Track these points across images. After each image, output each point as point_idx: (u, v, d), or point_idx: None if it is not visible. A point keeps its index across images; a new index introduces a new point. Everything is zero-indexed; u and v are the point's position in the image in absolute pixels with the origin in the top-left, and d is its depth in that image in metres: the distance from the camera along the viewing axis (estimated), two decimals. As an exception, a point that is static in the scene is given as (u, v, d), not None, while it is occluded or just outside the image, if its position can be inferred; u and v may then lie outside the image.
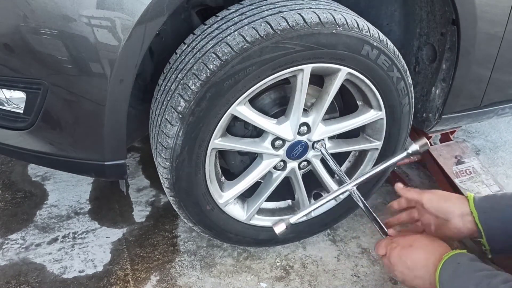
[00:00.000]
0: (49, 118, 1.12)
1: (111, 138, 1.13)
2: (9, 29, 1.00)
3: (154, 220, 1.65)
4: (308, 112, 1.28)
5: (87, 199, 1.74)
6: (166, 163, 1.17)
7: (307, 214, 1.24)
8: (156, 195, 1.78)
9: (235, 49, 1.05)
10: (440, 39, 1.36)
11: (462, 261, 0.93)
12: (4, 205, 1.70)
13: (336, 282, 1.44)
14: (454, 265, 0.93)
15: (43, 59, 1.02)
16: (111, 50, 1.00)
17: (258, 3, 1.12)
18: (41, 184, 1.81)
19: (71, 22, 0.97)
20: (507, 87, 1.54)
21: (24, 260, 1.46)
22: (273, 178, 1.37)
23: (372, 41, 1.17)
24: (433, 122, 1.50)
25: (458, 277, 0.90)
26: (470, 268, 0.90)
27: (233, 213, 1.37)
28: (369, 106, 1.33)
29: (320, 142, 1.34)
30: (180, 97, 1.09)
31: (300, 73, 1.15)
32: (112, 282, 1.39)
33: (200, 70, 1.07)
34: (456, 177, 1.70)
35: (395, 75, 1.26)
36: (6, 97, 1.14)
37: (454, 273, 0.91)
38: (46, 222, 1.62)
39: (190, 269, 1.45)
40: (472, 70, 1.38)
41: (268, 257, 1.52)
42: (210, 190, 1.27)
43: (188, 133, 1.12)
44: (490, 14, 1.29)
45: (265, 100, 1.31)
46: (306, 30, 1.08)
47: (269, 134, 1.26)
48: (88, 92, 1.06)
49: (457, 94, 1.41)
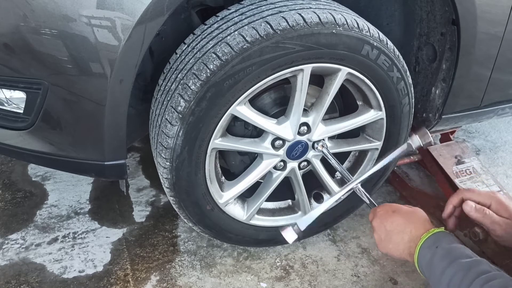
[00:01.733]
0: (49, 118, 1.12)
1: (111, 138, 1.13)
2: (9, 29, 1.00)
3: (154, 220, 1.65)
4: (308, 112, 1.28)
5: (87, 199, 1.74)
6: (166, 163, 1.17)
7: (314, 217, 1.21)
8: (156, 195, 1.78)
9: (235, 49, 1.05)
10: (440, 39, 1.36)
11: (441, 245, 0.94)
12: (4, 205, 1.70)
13: (336, 282, 1.44)
14: (432, 250, 0.94)
15: (43, 59, 1.02)
16: (111, 50, 1.00)
17: (258, 3, 1.12)
18: (41, 184, 1.81)
19: (71, 22, 0.97)
20: (507, 87, 1.54)
21: (24, 260, 1.46)
22: (273, 178, 1.37)
23: (372, 41, 1.17)
24: (433, 122, 1.50)
25: (435, 266, 0.91)
26: (447, 255, 0.91)
27: (233, 213, 1.37)
28: (369, 106, 1.33)
29: (321, 143, 1.34)
30: (180, 97, 1.09)
31: (300, 73, 1.15)
32: (112, 282, 1.39)
33: (200, 70, 1.07)
34: (456, 177, 1.70)
35: (395, 75, 1.26)
36: (6, 97, 1.14)
37: (431, 260, 0.93)
38: (46, 222, 1.62)
39: (190, 269, 1.45)
40: (472, 70, 1.38)
41: (268, 257, 1.52)
42: (210, 190, 1.27)
43: (188, 133, 1.12)
44: (490, 14, 1.29)
45: (265, 100, 1.31)
46: (306, 30, 1.08)
47: (269, 134, 1.26)
48: (88, 92, 1.06)
49: (457, 94, 1.41)
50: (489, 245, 1.43)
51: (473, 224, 1.46)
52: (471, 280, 0.84)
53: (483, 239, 1.44)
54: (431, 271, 0.93)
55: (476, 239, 1.46)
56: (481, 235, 1.45)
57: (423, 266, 0.96)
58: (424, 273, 0.97)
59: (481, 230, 1.44)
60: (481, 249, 1.47)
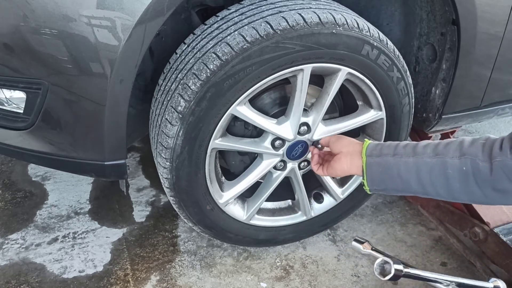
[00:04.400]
0: (49, 118, 1.12)
1: (111, 138, 1.13)
2: (9, 29, 1.00)
3: (154, 220, 1.65)
4: (308, 112, 1.28)
5: (87, 199, 1.74)
6: (166, 163, 1.17)
7: None
8: (156, 195, 1.78)
9: (235, 49, 1.05)
10: (440, 39, 1.36)
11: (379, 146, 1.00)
12: (4, 205, 1.70)
13: (336, 282, 1.44)
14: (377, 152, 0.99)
15: (43, 59, 1.02)
16: (111, 50, 1.00)
17: (258, 3, 1.12)
18: (41, 184, 1.81)
19: (71, 22, 0.97)
20: (507, 87, 1.54)
21: (24, 260, 1.46)
22: (273, 178, 1.37)
23: (372, 41, 1.17)
24: (433, 122, 1.50)
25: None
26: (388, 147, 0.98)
27: (233, 213, 1.37)
28: (369, 106, 1.33)
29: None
30: (180, 97, 1.09)
31: (300, 73, 1.15)
32: (112, 282, 1.39)
33: (200, 70, 1.07)
34: (456, 177, 1.70)
35: (395, 75, 1.26)
36: (6, 97, 1.14)
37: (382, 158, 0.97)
38: (46, 222, 1.62)
39: (190, 269, 1.45)
40: (472, 70, 1.38)
41: (268, 257, 1.52)
42: (210, 190, 1.27)
43: (188, 133, 1.12)
44: (490, 14, 1.29)
45: (265, 100, 1.31)
46: (306, 30, 1.08)
47: (269, 134, 1.26)
48: (88, 92, 1.06)
49: (457, 94, 1.41)
50: (489, 245, 1.43)
51: (473, 224, 1.47)
52: None
53: (483, 239, 1.44)
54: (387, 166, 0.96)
55: (476, 239, 1.47)
56: (481, 235, 1.45)
57: (373, 167, 0.99)
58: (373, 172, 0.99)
59: (481, 230, 1.44)
60: (481, 249, 1.47)
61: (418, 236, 1.64)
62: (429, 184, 0.91)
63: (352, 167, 1.04)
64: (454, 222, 1.55)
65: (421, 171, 0.91)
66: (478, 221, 1.45)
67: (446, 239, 1.61)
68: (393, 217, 1.72)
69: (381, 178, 0.97)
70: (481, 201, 0.88)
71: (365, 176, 1.00)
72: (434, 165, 0.89)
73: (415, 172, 0.91)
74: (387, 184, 0.97)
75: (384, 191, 1.00)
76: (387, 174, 0.96)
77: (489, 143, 0.85)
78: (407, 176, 0.93)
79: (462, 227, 1.52)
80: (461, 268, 1.51)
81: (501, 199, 0.85)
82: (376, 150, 0.99)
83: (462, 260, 1.54)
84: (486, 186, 0.84)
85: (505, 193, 0.83)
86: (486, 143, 0.85)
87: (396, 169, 0.94)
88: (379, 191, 1.01)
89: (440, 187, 0.90)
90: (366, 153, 1.00)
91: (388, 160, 0.95)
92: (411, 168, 0.92)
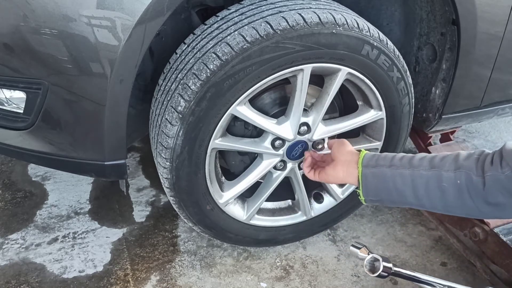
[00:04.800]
0: (49, 118, 1.12)
1: (111, 138, 1.13)
2: (9, 29, 1.00)
3: (154, 220, 1.65)
4: (308, 112, 1.28)
5: (87, 199, 1.74)
6: (166, 163, 1.17)
7: None
8: (156, 195, 1.78)
9: (235, 49, 1.05)
10: (440, 39, 1.36)
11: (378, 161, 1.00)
12: (4, 205, 1.70)
13: (336, 282, 1.44)
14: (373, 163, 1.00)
15: (43, 59, 1.02)
16: (111, 50, 1.00)
17: (258, 3, 1.12)
18: (41, 184, 1.81)
19: (71, 22, 0.97)
20: (507, 87, 1.54)
21: (24, 260, 1.46)
22: (273, 178, 1.37)
23: (372, 41, 1.17)
24: (433, 122, 1.50)
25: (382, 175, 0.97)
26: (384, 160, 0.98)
27: (233, 213, 1.37)
28: (369, 106, 1.33)
29: (321, 145, 1.34)
30: (180, 97, 1.09)
31: (300, 73, 1.15)
32: (112, 282, 1.39)
33: (200, 70, 1.07)
34: (456, 177, 1.70)
35: (395, 75, 1.26)
36: (6, 97, 1.14)
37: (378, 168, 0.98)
38: (46, 222, 1.62)
39: (190, 269, 1.45)
40: (472, 70, 1.38)
41: (268, 257, 1.52)
42: (210, 190, 1.27)
43: (188, 133, 1.12)
44: (490, 14, 1.29)
45: (265, 100, 1.31)
46: (306, 30, 1.08)
47: (269, 134, 1.26)
48: (88, 92, 1.06)
49: (457, 94, 1.41)
50: (489, 245, 1.43)
51: (473, 224, 1.47)
52: None
53: (483, 239, 1.44)
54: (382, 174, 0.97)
55: (476, 239, 1.47)
56: (481, 235, 1.45)
57: (369, 176, 0.99)
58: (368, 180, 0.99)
59: (481, 230, 1.44)
60: (481, 249, 1.47)
61: (418, 236, 1.64)
62: (425, 197, 0.91)
63: (347, 176, 1.04)
64: (454, 222, 1.55)
65: (417, 184, 0.91)
66: (478, 221, 1.45)
67: (446, 239, 1.61)
68: (393, 217, 1.73)
69: (377, 189, 0.98)
70: (475, 214, 0.89)
71: (360, 186, 1.00)
72: (429, 177, 0.90)
73: (410, 184, 0.92)
74: (382, 195, 0.97)
75: (379, 202, 1.00)
76: (382, 185, 0.96)
77: (482, 157, 0.86)
78: (403, 188, 0.93)
79: (462, 227, 1.52)
80: (461, 268, 1.51)
81: (495, 213, 0.86)
82: (372, 161, 0.99)
83: (462, 260, 1.54)
84: (480, 199, 0.85)
85: (498, 206, 0.84)
86: (480, 158, 0.86)
87: (391, 180, 0.94)
88: (374, 202, 1.01)
89: (435, 200, 0.90)
90: (362, 164, 1.00)
91: (384, 172, 0.96)
92: (406, 180, 0.92)
